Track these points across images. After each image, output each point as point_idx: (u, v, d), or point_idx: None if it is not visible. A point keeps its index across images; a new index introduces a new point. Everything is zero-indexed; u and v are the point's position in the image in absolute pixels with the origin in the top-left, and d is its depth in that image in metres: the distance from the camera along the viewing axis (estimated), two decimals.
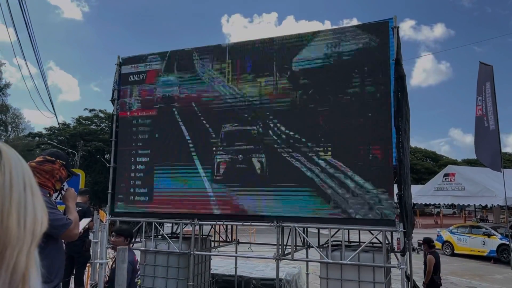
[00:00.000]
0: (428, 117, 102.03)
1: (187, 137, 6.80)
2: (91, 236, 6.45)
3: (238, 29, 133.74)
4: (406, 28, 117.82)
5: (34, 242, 0.65)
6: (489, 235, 15.37)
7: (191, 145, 6.76)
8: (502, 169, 13.44)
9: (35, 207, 0.67)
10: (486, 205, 16.50)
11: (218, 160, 6.53)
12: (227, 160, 6.48)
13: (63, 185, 3.23)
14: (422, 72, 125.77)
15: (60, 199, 3.51)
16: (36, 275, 0.66)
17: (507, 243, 14.13)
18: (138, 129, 7.17)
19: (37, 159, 3.05)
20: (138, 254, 8.42)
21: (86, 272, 7.26)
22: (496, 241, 14.99)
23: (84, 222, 3.97)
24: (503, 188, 13.76)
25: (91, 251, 6.49)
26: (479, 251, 15.53)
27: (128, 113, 7.29)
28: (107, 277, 4.59)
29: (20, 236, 0.62)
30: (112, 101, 7.50)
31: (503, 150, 15.04)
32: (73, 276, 7.00)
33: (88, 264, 7.04)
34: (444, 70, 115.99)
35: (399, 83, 5.53)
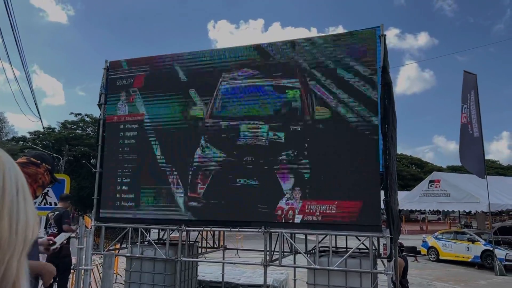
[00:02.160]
0: (413, 124, 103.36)
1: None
2: (75, 243, 6.32)
3: (224, 35, 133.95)
4: (390, 37, 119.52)
5: (25, 248, 0.64)
6: (473, 241, 15.56)
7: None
8: (485, 176, 13.67)
9: (27, 212, 0.65)
10: (470, 211, 16.73)
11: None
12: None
13: (47, 191, 3.04)
14: (406, 80, 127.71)
15: (45, 205, 3.42)
16: (26, 283, 0.65)
17: (491, 249, 14.33)
18: (125, 134, 7.11)
19: (20, 160, 2.57)
20: (123, 260, 8.34)
21: (70, 279, 7.11)
22: (480, 247, 15.17)
23: (62, 237, 3.82)
24: (487, 194, 13.98)
25: (73, 258, 6.38)
26: (463, 257, 15.69)
27: (115, 117, 7.22)
28: None
29: (11, 241, 0.60)
30: (99, 105, 7.43)
31: (486, 157, 15.31)
32: (56, 284, 6.85)
33: (72, 271, 6.90)
34: (428, 78, 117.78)
35: (386, 90, 5.60)
